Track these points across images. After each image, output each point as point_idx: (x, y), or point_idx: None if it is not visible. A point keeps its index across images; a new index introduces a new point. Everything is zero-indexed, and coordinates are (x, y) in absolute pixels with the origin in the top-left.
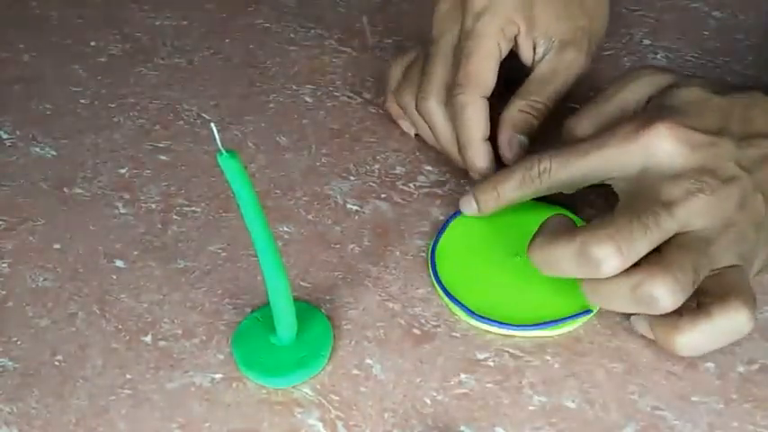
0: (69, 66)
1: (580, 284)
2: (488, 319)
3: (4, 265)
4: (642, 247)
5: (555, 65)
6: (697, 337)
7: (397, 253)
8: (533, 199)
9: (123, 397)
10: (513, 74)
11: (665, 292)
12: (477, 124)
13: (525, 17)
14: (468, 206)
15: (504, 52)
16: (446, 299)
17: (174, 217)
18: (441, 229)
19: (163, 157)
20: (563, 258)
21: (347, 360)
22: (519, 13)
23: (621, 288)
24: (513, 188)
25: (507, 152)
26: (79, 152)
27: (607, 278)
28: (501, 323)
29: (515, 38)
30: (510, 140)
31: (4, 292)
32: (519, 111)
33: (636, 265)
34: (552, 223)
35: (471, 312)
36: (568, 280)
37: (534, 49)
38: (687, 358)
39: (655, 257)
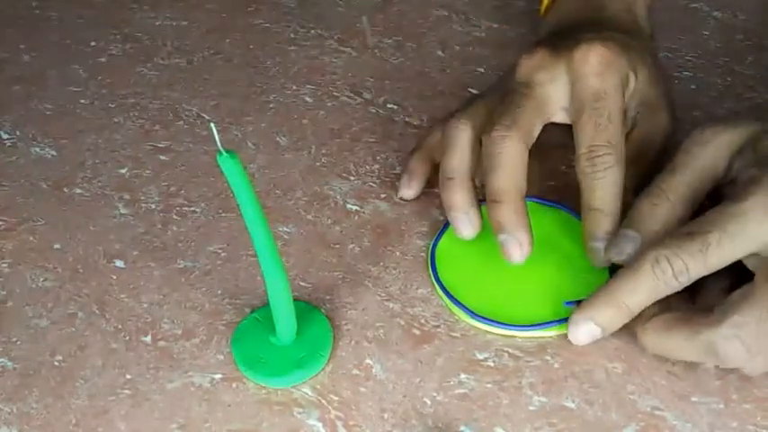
0: (69, 66)
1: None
2: (488, 320)
3: (4, 265)
4: None
5: (648, 130)
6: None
7: (397, 253)
8: (531, 198)
9: (123, 397)
10: None
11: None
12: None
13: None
14: (587, 333)
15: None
16: (446, 299)
17: (174, 217)
18: (441, 229)
19: (163, 157)
20: (681, 350)
21: (347, 360)
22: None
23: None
24: (647, 298)
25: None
26: (79, 152)
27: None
28: (501, 323)
29: None
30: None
31: (4, 292)
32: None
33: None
34: (662, 308)
35: (471, 312)
36: (568, 281)
37: (625, 113)
38: None
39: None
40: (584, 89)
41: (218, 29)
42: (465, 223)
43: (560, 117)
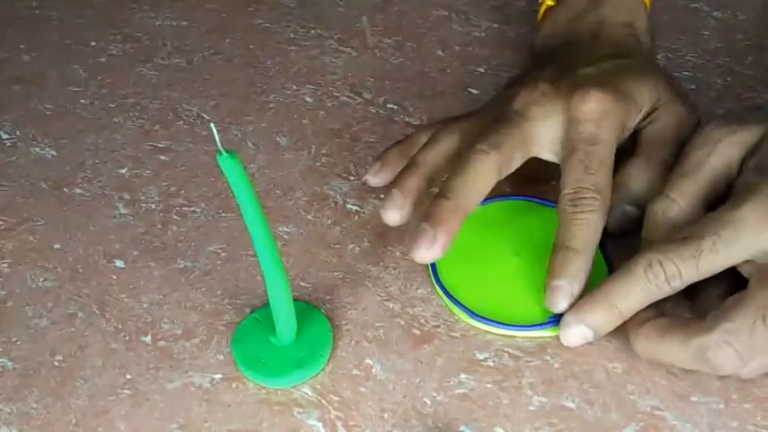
0: (69, 66)
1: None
2: (488, 320)
3: (4, 265)
4: (764, 348)
5: (663, 123)
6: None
7: (397, 253)
8: (531, 198)
9: (123, 397)
10: None
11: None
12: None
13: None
14: (578, 335)
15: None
16: (446, 299)
17: (174, 217)
18: None
19: (163, 157)
20: (674, 356)
21: (347, 360)
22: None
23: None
24: (639, 302)
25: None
26: (79, 152)
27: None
28: (500, 323)
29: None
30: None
31: (3, 292)
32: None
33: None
34: (653, 313)
35: (471, 312)
36: None
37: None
38: None
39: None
40: (579, 132)
41: (218, 29)
42: (396, 206)
43: (546, 155)
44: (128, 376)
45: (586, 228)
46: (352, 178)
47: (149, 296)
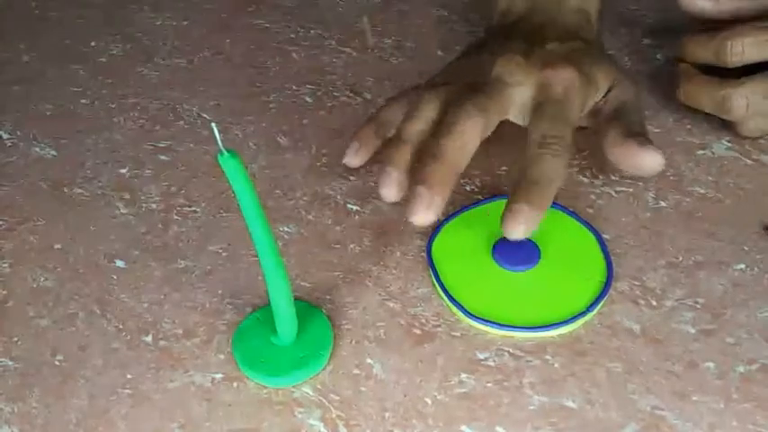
0: (69, 66)
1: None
2: (486, 321)
3: (4, 265)
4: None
5: (622, 97)
6: None
7: (398, 253)
8: None
9: (123, 397)
10: None
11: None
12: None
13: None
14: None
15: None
16: (445, 299)
17: (175, 217)
18: (436, 228)
19: (163, 157)
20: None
21: (347, 360)
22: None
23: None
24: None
25: None
26: (79, 152)
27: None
28: (499, 324)
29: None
30: None
31: (4, 292)
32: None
33: None
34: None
35: (469, 314)
36: (565, 282)
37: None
38: (687, 358)
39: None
40: (550, 94)
41: (218, 29)
42: (394, 183)
43: (514, 118)
44: (128, 376)
45: (552, 166)
46: (352, 178)
47: (150, 296)
